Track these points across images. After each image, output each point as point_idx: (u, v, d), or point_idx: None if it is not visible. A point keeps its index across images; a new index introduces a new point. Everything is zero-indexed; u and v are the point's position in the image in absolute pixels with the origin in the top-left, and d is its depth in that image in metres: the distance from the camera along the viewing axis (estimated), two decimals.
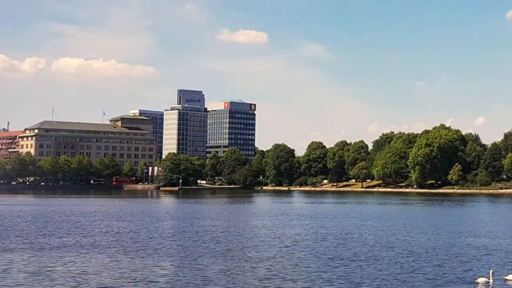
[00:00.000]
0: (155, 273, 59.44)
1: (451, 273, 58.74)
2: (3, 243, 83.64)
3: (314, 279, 55.35)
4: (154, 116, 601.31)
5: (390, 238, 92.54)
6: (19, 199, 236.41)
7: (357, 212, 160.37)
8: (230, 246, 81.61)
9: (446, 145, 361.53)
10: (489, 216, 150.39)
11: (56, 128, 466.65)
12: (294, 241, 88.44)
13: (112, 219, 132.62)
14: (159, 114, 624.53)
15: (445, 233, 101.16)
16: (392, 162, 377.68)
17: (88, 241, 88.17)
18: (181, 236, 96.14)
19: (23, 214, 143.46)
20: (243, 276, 57.18)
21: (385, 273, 59.08)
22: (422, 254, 73.05)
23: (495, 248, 79.79)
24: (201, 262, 66.07)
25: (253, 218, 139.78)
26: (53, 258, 69.40)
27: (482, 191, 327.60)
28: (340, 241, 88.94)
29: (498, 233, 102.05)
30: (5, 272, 59.13)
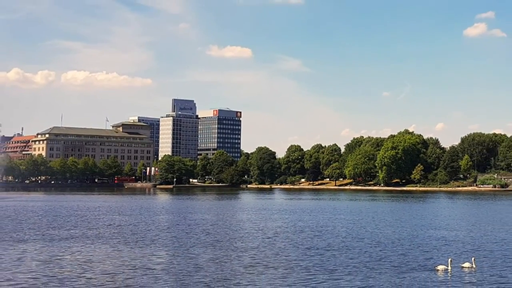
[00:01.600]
0: (152, 261, 59.33)
1: (414, 261, 58.80)
2: (17, 235, 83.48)
3: (293, 267, 55.33)
4: (151, 122, 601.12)
5: (360, 230, 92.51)
6: (31, 196, 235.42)
7: (331, 207, 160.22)
8: (219, 237, 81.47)
9: (410, 148, 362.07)
10: (447, 210, 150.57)
11: (65, 133, 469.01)
12: (275, 233, 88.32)
13: (114, 213, 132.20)
14: (156, 120, 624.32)
15: (408, 226, 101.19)
16: (362, 163, 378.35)
17: (93, 233, 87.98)
18: (175, 228, 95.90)
19: (35, 209, 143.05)
20: (230, 264, 57.15)
21: (356, 261, 59.09)
22: (388, 245, 73.08)
23: (453, 239, 79.87)
24: (193, 252, 66.00)
25: (239, 213, 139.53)
26: (62, 248, 69.24)
27: (442, 188, 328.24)
28: (316, 233, 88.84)
29: (455, 226, 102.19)
30: (19, 260, 59.16)
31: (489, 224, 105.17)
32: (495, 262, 58.56)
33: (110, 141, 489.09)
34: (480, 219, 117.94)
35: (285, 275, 51.07)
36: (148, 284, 46.94)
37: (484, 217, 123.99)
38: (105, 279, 49.26)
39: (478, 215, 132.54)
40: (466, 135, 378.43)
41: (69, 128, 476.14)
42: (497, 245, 73.24)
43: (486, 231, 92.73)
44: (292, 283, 47.31)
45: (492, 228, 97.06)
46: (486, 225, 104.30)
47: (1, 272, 52.58)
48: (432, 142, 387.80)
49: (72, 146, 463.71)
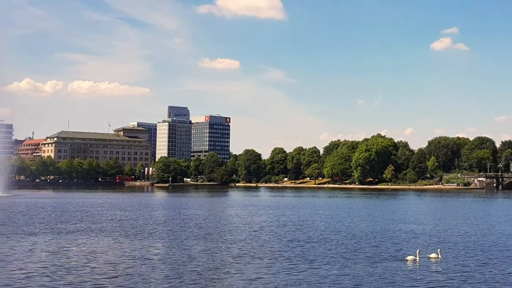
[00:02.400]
0: (150, 252, 59.32)
1: (385, 252, 58.99)
2: (29, 228, 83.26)
3: (276, 257, 55.40)
4: (149, 127, 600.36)
5: (337, 224, 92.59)
6: (41, 193, 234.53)
7: (311, 204, 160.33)
8: (210, 231, 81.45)
9: (382, 150, 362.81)
10: (416, 207, 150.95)
11: (71, 137, 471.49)
12: (261, 227, 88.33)
13: (115, 209, 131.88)
14: (153, 125, 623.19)
15: (381, 220, 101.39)
16: (338, 164, 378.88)
17: (96, 226, 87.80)
18: (170, 222, 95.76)
19: (45, 205, 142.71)
20: (220, 255, 57.17)
21: (333, 252, 59.23)
22: (362, 237, 73.22)
23: (421, 232, 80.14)
24: (187, 243, 65.99)
25: (228, 208, 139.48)
26: (68, 240, 69.14)
27: (411, 186, 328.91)
28: (297, 226, 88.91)
29: (423, 220, 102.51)
30: (30, 251, 59.12)
31: (453, 219, 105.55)
32: (458, 253, 58.81)
33: (112, 144, 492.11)
34: (445, 214, 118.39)
35: (270, 265, 51.17)
36: (146, 273, 46.98)
37: (449, 213, 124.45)
38: (108, 268, 49.31)
39: (443, 210, 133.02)
40: (432, 139, 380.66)
41: (75, 132, 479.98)
42: (460, 238, 73.56)
43: (450, 225, 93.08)
44: (276, 272, 47.43)
45: (456, 223, 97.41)
46: (450, 219, 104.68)
47: (14, 262, 52.54)
48: (402, 145, 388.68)
49: (78, 149, 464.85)
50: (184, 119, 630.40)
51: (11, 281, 43.37)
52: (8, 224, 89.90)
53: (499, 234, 78.58)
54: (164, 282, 43.28)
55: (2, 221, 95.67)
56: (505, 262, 53.31)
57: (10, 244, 64.77)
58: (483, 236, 75.77)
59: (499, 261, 54.23)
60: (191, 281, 43.43)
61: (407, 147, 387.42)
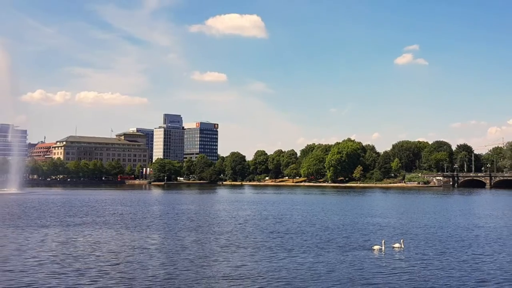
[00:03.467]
0: (147, 242, 59.23)
1: (355, 243, 59.13)
2: (41, 221, 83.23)
3: (259, 247, 55.47)
4: (147, 132, 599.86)
5: (312, 218, 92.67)
6: (52, 191, 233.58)
7: (289, 200, 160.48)
8: (200, 223, 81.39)
9: (352, 152, 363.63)
10: (381, 202, 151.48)
11: (78, 141, 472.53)
12: (245, 220, 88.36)
13: (117, 204, 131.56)
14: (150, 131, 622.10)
15: (351, 214, 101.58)
16: (313, 165, 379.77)
17: (100, 220, 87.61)
18: (165, 216, 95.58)
19: (55, 201, 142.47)
20: (209, 245, 57.16)
21: (309, 242, 59.33)
22: (334, 229, 73.33)
23: (386, 225, 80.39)
24: (180, 235, 65.93)
25: (216, 204, 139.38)
26: (76, 232, 69.00)
27: (377, 185, 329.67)
28: (277, 220, 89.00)
29: (388, 214, 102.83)
30: (42, 242, 58.96)
31: (414, 213, 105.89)
32: (419, 243, 59.04)
33: (114, 147, 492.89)
34: (407, 209, 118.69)
35: (253, 253, 51.24)
36: (144, 260, 46.95)
37: (410, 208, 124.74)
38: (110, 256, 49.25)
39: (405, 206, 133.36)
40: (396, 142, 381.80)
41: (82, 137, 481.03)
42: (420, 230, 73.84)
43: (412, 218, 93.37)
44: (258, 260, 47.51)
45: (417, 216, 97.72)
46: (412, 213, 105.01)
47: (28, 251, 52.51)
48: (369, 148, 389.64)
49: (84, 151, 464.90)
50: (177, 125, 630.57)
51: (25, 267, 43.38)
52: (22, 218, 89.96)
53: (455, 227, 78.94)
54: (160, 268, 43.30)
55: (17, 215, 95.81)
56: (460, 251, 53.60)
57: (24, 235, 64.82)
58: (441, 228, 76.10)
59: (455, 250, 54.51)
60: (184, 268, 43.47)
61: (374, 150, 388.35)
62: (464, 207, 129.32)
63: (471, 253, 52.70)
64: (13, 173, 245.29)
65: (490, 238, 64.50)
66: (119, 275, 40.70)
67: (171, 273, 41.46)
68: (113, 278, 39.60)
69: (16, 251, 52.70)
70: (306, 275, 40.79)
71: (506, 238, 64.49)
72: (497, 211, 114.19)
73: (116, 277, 39.98)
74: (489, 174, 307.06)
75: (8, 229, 72.09)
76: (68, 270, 42.44)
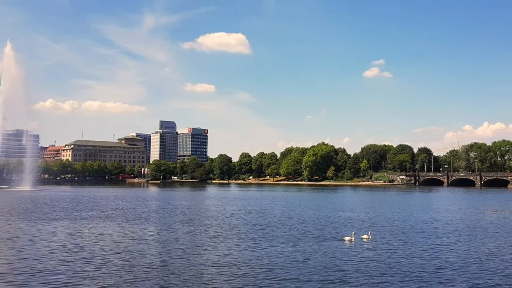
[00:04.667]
0: (145, 234, 59.36)
1: (328, 234, 59.47)
2: (52, 215, 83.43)
3: (243, 238, 55.70)
4: (145, 137, 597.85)
5: (290, 212, 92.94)
6: (61, 188, 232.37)
7: (270, 196, 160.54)
8: (192, 217, 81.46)
9: (325, 155, 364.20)
10: (351, 198, 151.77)
11: (84, 144, 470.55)
12: (231, 214, 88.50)
13: (118, 200, 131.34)
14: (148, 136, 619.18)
15: (324, 209, 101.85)
16: (292, 165, 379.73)
17: (104, 214, 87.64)
18: (161, 211, 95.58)
19: (64, 197, 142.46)
20: (200, 236, 57.31)
21: (287, 234, 59.62)
22: (310, 222, 73.63)
23: (355, 218, 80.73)
24: (174, 227, 66.03)
25: (206, 200, 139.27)
26: (82, 224, 69.07)
27: (348, 183, 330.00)
28: (260, 214, 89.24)
29: (357, 209, 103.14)
30: (53, 233, 59.12)
31: (380, 208, 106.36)
32: (384, 235, 59.47)
33: (116, 150, 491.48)
34: (374, 205, 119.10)
35: (238, 244, 51.46)
36: (142, 250, 47.05)
37: (377, 203, 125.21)
38: (113, 246, 49.34)
39: (372, 201, 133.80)
40: (364, 146, 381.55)
41: (87, 141, 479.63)
42: (386, 222, 74.30)
43: (378, 212, 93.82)
44: (243, 249, 47.72)
45: (383, 211, 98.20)
46: (378, 208, 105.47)
47: (40, 241, 52.67)
48: (341, 150, 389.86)
49: (89, 153, 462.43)
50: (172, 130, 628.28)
51: (38, 256, 43.56)
52: (35, 212, 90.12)
53: (416, 220, 79.44)
54: (157, 257, 43.44)
55: (31, 210, 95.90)
56: (420, 242, 54.05)
57: (37, 228, 65.02)
58: (404, 221, 76.56)
59: (416, 240, 54.96)
60: (177, 257, 43.63)
61: (345, 152, 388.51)
62: (424, 202, 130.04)
63: (430, 243, 53.11)
64: (27, 173, 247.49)
65: (447, 230, 64.95)
66: (120, 262, 40.89)
67: (166, 261, 41.67)
68: (115, 265, 39.79)
69: (29, 241, 52.88)
70: (285, 263, 41.09)
71: (461, 230, 65.01)
72: (453, 206, 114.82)
73: (117, 264, 40.18)
74: (446, 174, 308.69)
75: (23, 222, 72.30)
76: (76, 258, 42.59)
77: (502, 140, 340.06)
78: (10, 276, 36.13)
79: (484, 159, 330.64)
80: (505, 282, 34.97)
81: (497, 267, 40.08)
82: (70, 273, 36.82)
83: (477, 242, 54.15)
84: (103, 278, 35.41)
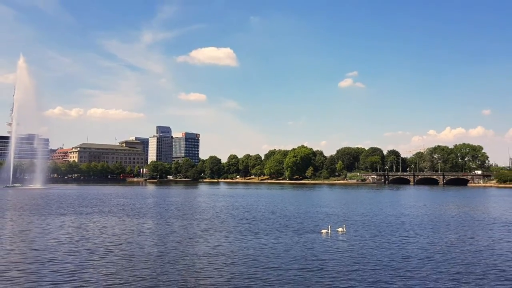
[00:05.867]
0: (144, 227, 59.31)
1: (307, 227, 59.72)
2: (60, 210, 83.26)
3: (231, 231, 55.79)
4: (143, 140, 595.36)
5: (273, 208, 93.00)
6: (68, 186, 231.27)
7: (255, 194, 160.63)
8: (185, 212, 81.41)
9: (305, 156, 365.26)
10: (328, 195, 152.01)
11: (89, 147, 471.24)
12: (220, 209, 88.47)
13: (119, 197, 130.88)
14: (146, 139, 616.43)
15: (304, 205, 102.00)
16: (275, 166, 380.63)
17: (106, 209, 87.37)
18: (158, 206, 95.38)
19: (71, 195, 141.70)
20: (192, 229, 57.33)
21: (271, 227, 59.78)
22: (291, 217, 73.77)
23: (332, 213, 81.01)
24: (169, 221, 65.99)
25: (198, 197, 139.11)
26: (87, 219, 68.83)
27: (325, 182, 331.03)
28: (246, 209, 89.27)
29: (333, 205, 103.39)
30: (61, 226, 59.06)
31: (353, 204, 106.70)
32: (357, 228, 59.74)
33: (118, 152, 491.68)
34: (348, 201, 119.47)
35: (227, 236, 51.58)
36: (141, 241, 47.06)
37: (350, 199, 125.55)
38: (115, 238, 49.32)
39: (347, 198, 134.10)
40: (340, 148, 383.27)
41: (92, 144, 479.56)
42: (358, 217, 74.60)
43: (352, 208, 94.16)
44: (231, 241, 47.84)
45: (356, 206, 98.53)
46: (351, 204, 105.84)
47: (50, 233, 52.61)
48: (319, 153, 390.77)
49: (94, 155, 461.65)
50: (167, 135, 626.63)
51: (47, 247, 43.53)
52: (45, 208, 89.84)
53: (386, 214, 79.84)
54: (154, 248, 43.50)
55: (41, 205, 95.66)
56: (389, 234, 54.37)
57: (47, 221, 64.94)
58: (375, 216, 76.93)
59: (386, 233, 55.28)
60: (172, 247, 43.72)
61: (322, 154, 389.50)
62: (393, 199, 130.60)
63: (398, 235, 53.43)
64: (38, 172, 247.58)
65: (413, 224, 65.34)
66: (121, 253, 40.95)
67: (162, 251, 41.76)
68: (116, 255, 39.84)
69: (40, 233, 52.84)
70: (268, 253, 41.30)
71: (426, 224, 65.41)
72: (418, 202, 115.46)
73: (119, 254, 40.23)
74: (412, 173, 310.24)
75: (34, 217, 72.10)
76: (81, 249, 42.61)
77: (462, 144, 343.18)
78: (23, 264, 36.20)
79: (447, 160, 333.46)
80: (466, 270, 35.36)
81: (458, 257, 40.47)
82: (77, 262, 36.87)
83: (440, 235, 54.58)
84: (106, 266, 35.51)
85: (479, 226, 63.55)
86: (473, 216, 79.27)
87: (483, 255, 41.80)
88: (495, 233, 56.48)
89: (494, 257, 40.72)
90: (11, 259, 38.51)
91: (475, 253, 42.77)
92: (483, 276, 33.70)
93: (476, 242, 49.04)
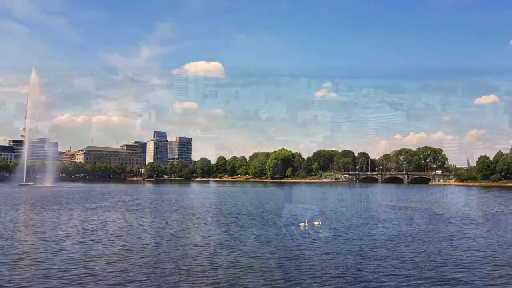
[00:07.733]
0: (142, 221, 59.25)
1: (286, 221, 59.87)
2: (68, 206, 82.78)
3: (220, 224, 55.85)
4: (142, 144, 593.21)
5: (257, 204, 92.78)
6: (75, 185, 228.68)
7: (241, 191, 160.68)
8: (179, 207, 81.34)
9: (285, 158, 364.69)
10: (305, 193, 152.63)
11: (94, 150, 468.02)
12: (210, 205, 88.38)
13: (121, 194, 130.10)
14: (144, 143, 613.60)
15: (284, 201, 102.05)
16: (258, 166, 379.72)
17: (109, 205, 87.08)
18: (155, 202, 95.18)
19: (77, 192, 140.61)
20: (185, 222, 57.48)
21: (255, 220, 59.95)
22: (273, 212, 73.86)
23: (309, 209, 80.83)
24: (165, 216, 65.99)
25: (190, 194, 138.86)
26: (92, 214, 68.62)
27: (303, 180, 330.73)
28: (232, 205, 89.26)
29: (310, 201, 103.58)
30: (68, 221, 58.88)
31: (328, 200, 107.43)
32: (331, 221, 59.98)
33: (119, 154, 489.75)
34: (323, 198, 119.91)
35: (216, 228, 51.73)
36: (139, 233, 47.17)
37: (326, 197, 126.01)
38: (116, 230, 49.33)
39: (322, 195, 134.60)
40: (316, 151, 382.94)
41: (96, 147, 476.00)
42: (333, 212, 74.86)
43: (327, 204, 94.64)
44: (220, 233, 48.00)
45: (330, 202, 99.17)
46: (326, 200, 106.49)
47: (58, 226, 52.56)
48: (297, 155, 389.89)
49: (98, 157, 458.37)
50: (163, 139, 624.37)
51: (56, 238, 43.56)
52: (55, 203, 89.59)
53: (357, 209, 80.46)
54: (151, 239, 43.66)
55: (51, 201, 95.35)
56: (360, 226, 54.78)
57: (56, 216, 64.77)
58: (347, 211, 77.35)
59: (357, 226, 55.60)
60: (167, 239, 43.88)
61: (300, 156, 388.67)
62: (362, 196, 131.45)
63: (368, 228, 53.80)
64: (48, 172, 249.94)
65: (381, 218, 65.66)
66: (122, 243, 41.08)
67: (159, 242, 41.94)
68: (118, 245, 39.97)
69: (50, 226, 52.80)
70: (252, 243, 41.62)
71: (393, 218, 65.76)
72: (385, 199, 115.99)
73: (120, 245, 40.36)
74: (380, 173, 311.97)
75: (45, 211, 72.02)
76: (87, 240, 42.68)
77: (424, 147, 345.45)
78: (35, 254, 36.44)
79: (411, 161, 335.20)
80: (427, 259, 35.87)
81: (421, 247, 40.97)
82: (82, 252, 37.00)
83: (405, 227, 55.00)
84: (109, 256, 35.67)
85: (439, 220, 64.13)
86: (434, 210, 79.90)
87: (443, 245, 42.35)
88: (454, 226, 57.05)
89: (452, 247, 41.29)
90: (24, 248, 38.94)
91: (436, 243, 43.33)
92: (443, 264, 34.25)
93: (437, 234, 49.59)
